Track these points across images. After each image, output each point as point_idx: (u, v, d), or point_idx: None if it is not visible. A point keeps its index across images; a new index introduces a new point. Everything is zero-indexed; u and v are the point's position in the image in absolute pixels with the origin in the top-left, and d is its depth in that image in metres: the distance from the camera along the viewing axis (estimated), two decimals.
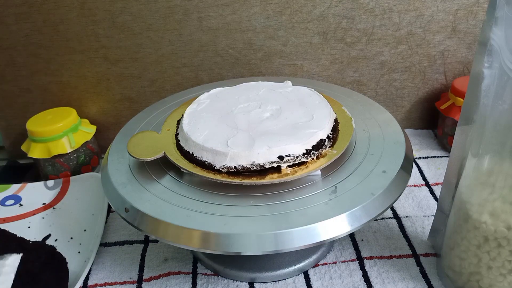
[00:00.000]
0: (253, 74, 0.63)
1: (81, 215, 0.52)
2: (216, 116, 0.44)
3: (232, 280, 0.43)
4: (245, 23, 0.59)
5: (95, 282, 0.44)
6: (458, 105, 0.57)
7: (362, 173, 0.39)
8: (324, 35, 0.60)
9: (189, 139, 0.40)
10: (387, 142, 0.43)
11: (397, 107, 0.66)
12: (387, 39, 0.60)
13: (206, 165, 0.39)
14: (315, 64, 0.62)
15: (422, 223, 0.49)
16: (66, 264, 0.44)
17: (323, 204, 0.36)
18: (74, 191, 0.56)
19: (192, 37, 0.60)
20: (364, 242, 0.47)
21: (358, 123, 0.45)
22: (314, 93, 0.47)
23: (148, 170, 0.41)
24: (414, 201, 0.52)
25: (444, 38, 0.60)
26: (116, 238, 0.50)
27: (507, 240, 0.33)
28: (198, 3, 0.58)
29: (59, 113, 0.60)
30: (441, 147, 0.63)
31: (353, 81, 0.64)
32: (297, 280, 0.43)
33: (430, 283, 0.42)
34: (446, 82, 0.63)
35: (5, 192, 0.57)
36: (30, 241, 0.47)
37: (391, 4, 0.58)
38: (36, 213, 0.53)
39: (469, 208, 0.36)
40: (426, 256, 0.45)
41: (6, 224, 0.51)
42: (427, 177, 0.56)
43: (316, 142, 0.39)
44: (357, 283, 0.42)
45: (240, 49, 0.61)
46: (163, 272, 0.45)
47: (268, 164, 0.38)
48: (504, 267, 0.34)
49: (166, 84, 0.64)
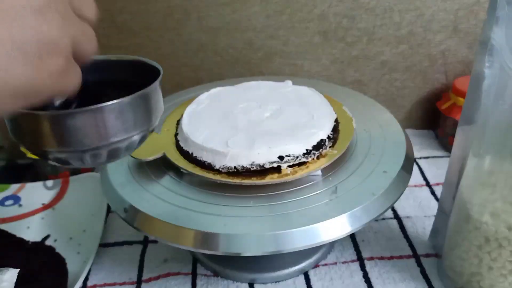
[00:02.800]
0: (253, 74, 0.63)
1: (81, 216, 0.52)
2: (216, 116, 0.43)
3: (232, 281, 0.43)
4: (245, 22, 0.59)
5: (94, 283, 0.44)
6: (459, 105, 0.57)
7: (362, 173, 0.39)
8: (325, 34, 0.60)
9: (188, 139, 0.40)
10: (388, 142, 0.43)
11: (398, 107, 0.66)
12: (388, 39, 0.60)
13: (206, 165, 0.39)
14: (316, 64, 0.62)
15: (423, 224, 0.49)
16: (65, 264, 0.44)
17: (324, 204, 0.36)
18: (74, 191, 0.56)
19: (192, 37, 0.60)
20: (365, 243, 0.47)
21: (358, 123, 0.45)
22: (315, 93, 0.47)
23: (148, 170, 0.41)
24: (414, 201, 0.52)
25: (445, 37, 0.60)
26: (116, 238, 0.50)
27: (508, 240, 0.33)
28: (198, 3, 0.58)
29: None
30: (442, 147, 0.62)
31: (354, 81, 0.64)
32: (297, 281, 0.43)
33: (430, 283, 0.41)
34: (447, 82, 0.63)
35: (4, 192, 0.57)
36: (30, 242, 0.47)
37: (391, 4, 0.57)
38: (36, 213, 0.53)
39: (470, 208, 0.36)
40: (427, 257, 0.44)
41: (5, 225, 0.51)
42: (428, 177, 0.56)
43: (317, 142, 0.39)
44: (357, 283, 0.42)
45: (240, 49, 0.61)
46: (163, 272, 0.45)
47: (268, 164, 0.38)
48: (505, 267, 0.34)
49: (166, 84, 0.63)
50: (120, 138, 0.29)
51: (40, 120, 0.26)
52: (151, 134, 0.32)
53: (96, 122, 0.27)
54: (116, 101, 0.27)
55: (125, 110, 0.28)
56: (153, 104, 0.30)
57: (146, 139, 0.31)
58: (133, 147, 0.31)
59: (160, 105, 0.32)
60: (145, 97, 0.29)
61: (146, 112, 0.30)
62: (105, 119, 0.27)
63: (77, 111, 0.26)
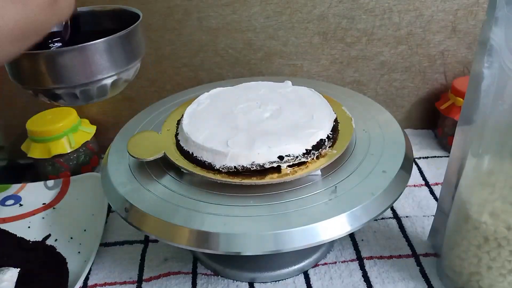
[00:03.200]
0: (253, 74, 0.63)
1: (81, 215, 0.52)
2: (216, 116, 0.43)
3: (232, 280, 0.43)
4: (245, 23, 0.59)
5: (95, 282, 0.44)
6: (458, 105, 0.57)
7: (362, 173, 0.39)
8: (324, 35, 0.60)
9: (189, 139, 0.40)
10: (387, 142, 0.43)
11: (397, 107, 0.66)
12: (387, 39, 0.60)
13: (206, 165, 0.39)
14: (315, 64, 0.62)
15: (422, 223, 0.49)
16: (66, 264, 0.44)
17: (323, 204, 0.36)
18: (74, 191, 0.56)
19: (192, 37, 0.60)
20: (364, 242, 0.47)
21: (358, 123, 0.45)
22: (314, 93, 0.47)
23: (148, 170, 0.41)
24: (414, 201, 0.52)
25: (444, 38, 0.60)
26: (116, 238, 0.50)
27: (507, 240, 0.33)
28: (198, 3, 0.58)
29: (59, 113, 0.60)
30: (441, 147, 0.62)
31: (353, 81, 0.64)
32: (297, 280, 0.43)
33: (430, 283, 0.42)
34: (446, 82, 0.63)
35: (5, 192, 0.57)
36: (30, 241, 0.47)
37: (391, 4, 0.57)
38: (36, 213, 0.53)
39: (469, 208, 0.36)
40: (426, 256, 0.45)
41: (6, 224, 0.51)
42: (427, 177, 0.56)
43: (316, 142, 0.39)
44: (357, 283, 0.42)
45: (240, 49, 0.61)
46: (163, 272, 0.45)
47: (268, 164, 0.38)
48: (504, 267, 0.34)
49: (166, 84, 0.64)
50: (106, 75, 0.34)
51: (34, 59, 0.32)
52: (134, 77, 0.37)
53: (84, 59, 0.32)
54: (100, 40, 0.32)
55: (109, 49, 0.33)
56: (134, 45, 0.35)
57: (129, 80, 0.37)
58: (118, 85, 0.36)
59: (141, 47, 0.37)
60: (125, 37, 0.34)
61: (128, 52, 0.35)
62: (91, 57, 0.32)
63: (67, 49, 0.31)
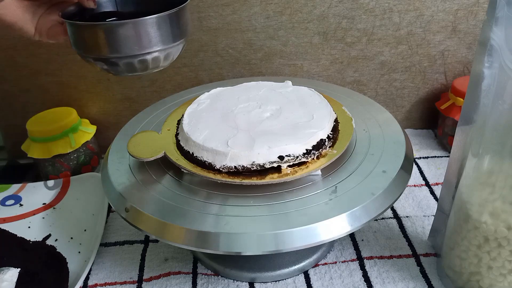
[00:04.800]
0: (253, 74, 0.63)
1: (81, 215, 0.52)
2: (216, 116, 0.44)
3: (232, 280, 0.43)
4: (245, 23, 0.59)
5: (95, 282, 0.44)
6: (458, 105, 0.57)
7: (362, 173, 0.39)
8: (324, 35, 0.60)
9: (189, 139, 0.40)
10: (387, 142, 0.43)
11: (397, 107, 0.66)
12: (387, 39, 0.60)
13: (206, 165, 0.39)
14: (315, 64, 0.62)
15: (422, 223, 0.49)
16: (66, 264, 0.44)
17: (323, 204, 0.36)
18: (74, 191, 0.56)
19: (192, 37, 0.60)
20: (364, 242, 0.47)
21: (358, 123, 0.45)
22: (314, 93, 0.47)
23: (148, 170, 0.41)
24: (414, 201, 0.52)
25: (444, 38, 0.60)
26: (116, 238, 0.50)
27: (507, 240, 0.33)
28: (198, 3, 0.58)
29: (59, 113, 0.60)
30: (441, 147, 0.63)
31: (353, 81, 0.64)
32: (297, 280, 0.43)
33: (430, 283, 0.42)
34: (446, 82, 0.63)
35: (5, 192, 0.57)
36: (30, 241, 0.47)
37: (391, 4, 0.58)
38: (36, 213, 0.53)
39: (469, 208, 0.36)
40: (426, 256, 0.45)
41: (6, 224, 0.51)
42: (427, 177, 0.56)
43: (316, 142, 0.39)
44: (357, 283, 0.42)
45: (240, 49, 0.61)
46: (163, 272, 0.45)
47: (268, 164, 0.38)
48: (504, 267, 0.34)
49: (166, 84, 0.64)
50: (157, 48, 0.38)
51: (97, 29, 0.37)
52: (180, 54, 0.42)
53: (141, 31, 0.37)
54: (155, 16, 0.37)
55: (162, 24, 0.38)
56: (182, 24, 0.40)
57: (178, 54, 0.42)
58: (169, 58, 0.40)
59: (188, 27, 0.42)
60: (175, 15, 0.38)
61: (176, 29, 0.39)
62: (145, 30, 0.37)
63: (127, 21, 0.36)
